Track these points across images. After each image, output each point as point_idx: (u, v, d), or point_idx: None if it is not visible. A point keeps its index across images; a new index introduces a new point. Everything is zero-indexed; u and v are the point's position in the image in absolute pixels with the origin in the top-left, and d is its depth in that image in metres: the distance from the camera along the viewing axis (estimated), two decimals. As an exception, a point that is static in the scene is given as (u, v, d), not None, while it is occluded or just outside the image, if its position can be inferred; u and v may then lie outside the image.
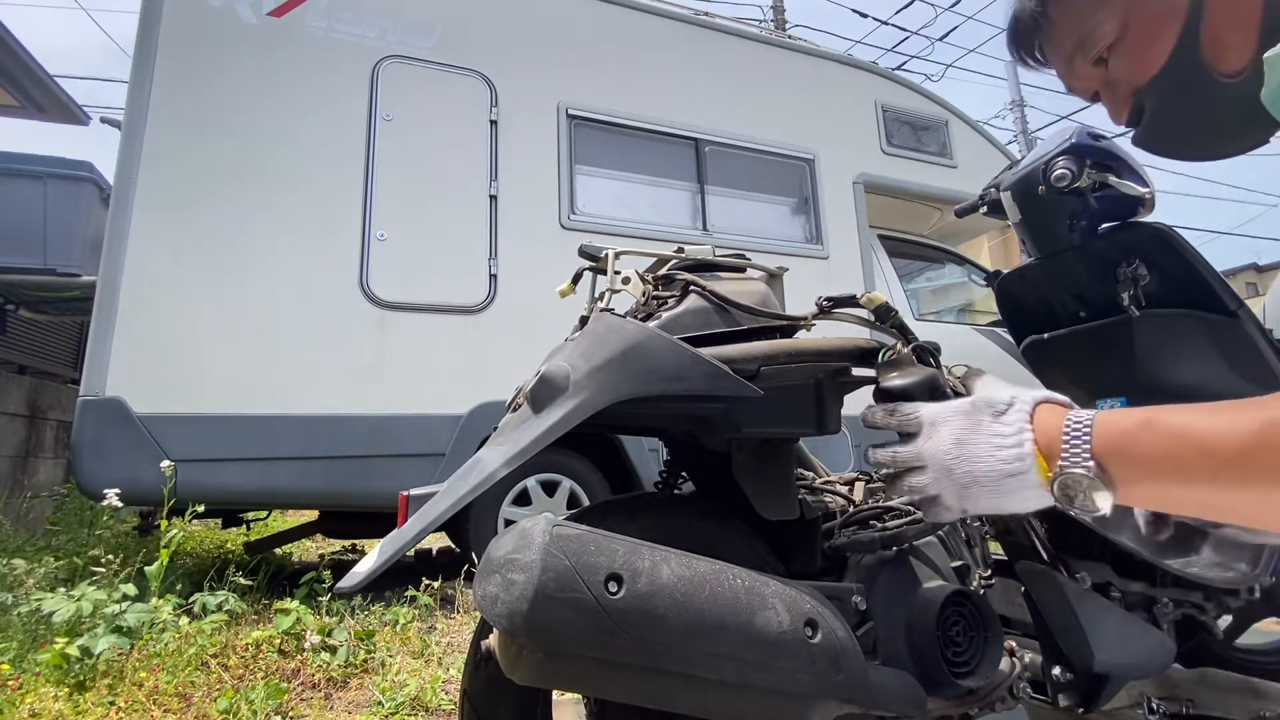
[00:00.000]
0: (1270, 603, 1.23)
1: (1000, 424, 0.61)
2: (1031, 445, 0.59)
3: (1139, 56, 0.69)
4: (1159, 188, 1.36)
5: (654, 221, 3.83)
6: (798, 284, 1.34)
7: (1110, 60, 0.71)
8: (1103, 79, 0.74)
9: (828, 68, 4.73)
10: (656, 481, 1.08)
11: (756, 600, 0.69)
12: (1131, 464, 0.55)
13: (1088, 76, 0.74)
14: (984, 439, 0.61)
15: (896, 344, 0.85)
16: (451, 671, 2.07)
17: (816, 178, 4.32)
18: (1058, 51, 0.75)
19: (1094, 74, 0.74)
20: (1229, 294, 1.27)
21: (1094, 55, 0.72)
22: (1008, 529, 1.05)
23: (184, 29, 3.08)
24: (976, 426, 0.62)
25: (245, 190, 3.04)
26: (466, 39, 3.60)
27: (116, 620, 1.99)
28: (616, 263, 0.96)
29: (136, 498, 2.63)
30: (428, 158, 3.36)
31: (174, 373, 2.79)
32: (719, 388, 0.76)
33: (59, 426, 5.31)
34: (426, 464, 3.02)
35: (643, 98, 3.96)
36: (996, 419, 0.61)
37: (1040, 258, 1.46)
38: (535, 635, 0.60)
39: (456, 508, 0.70)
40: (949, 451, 0.62)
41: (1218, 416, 0.52)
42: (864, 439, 3.79)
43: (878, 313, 0.88)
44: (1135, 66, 0.70)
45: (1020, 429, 0.60)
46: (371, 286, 3.12)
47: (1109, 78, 0.73)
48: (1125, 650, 0.98)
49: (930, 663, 0.84)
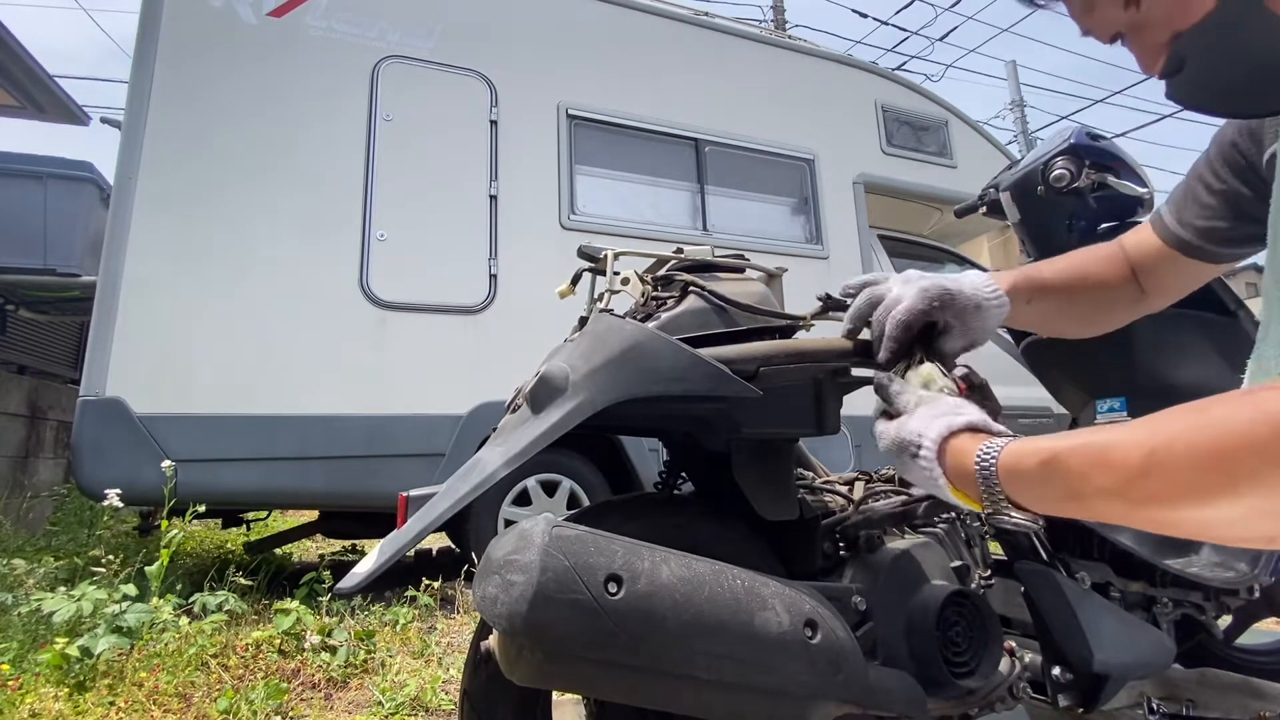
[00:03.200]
0: (1270, 603, 1.23)
1: (918, 465, 0.66)
2: (945, 482, 0.64)
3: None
4: (1158, 187, 1.36)
5: (654, 222, 3.83)
6: (798, 284, 1.34)
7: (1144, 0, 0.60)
8: (1130, 21, 0.62)
9: (828, 68, 4.74)
10: (656, 482, 1.08)
11: (756, 601, 0.69)
12: (1035, 498, 0.58)
13: (1112, 19, 0.63)
14: (915, 472, 0.67)
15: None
16: (451, 671, 2.07)
17: (816, 178, 4.32)
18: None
19: (1120, 16, 0.62)
20: (1228, 294, 1.27)
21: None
22: (1007, 529, 1.05)
23: (184, 29, 3.08)
24: (905, 466, 0.68)
25: (245, 190, 3.04)
26: (466, 39, 3.60)
27: (116, 620, 1.99)
28: (616, 263, 0.96)
29: (136, 498, 2.63)
30: (428, 158, 3.36)
31: (174, 373, 2.79)
32: (718, 388, 0.76)
33: (59, 426, 5.31)
34: (426, 464, 3.02)
35: (643, 98, 3.96)
36: (914, 460, 0.66)
37: (1040, 258, 1.46)
38: (535, 636, 0.60)
39: (456, 508, 0.70)
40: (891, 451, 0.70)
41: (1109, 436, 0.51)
42: (864, 439, 3.79)
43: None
44: (1178, 7, 0.58)
45: (932, 470, 0.64)
46: (371, 286, 3.12)
47: (1140, 20, 0.61)
48: (1125, 650, 0.98)
49: (930, 663, 0.84)
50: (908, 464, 0.67)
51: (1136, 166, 1.36)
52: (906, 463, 0.67)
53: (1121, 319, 0.95)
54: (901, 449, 0.68)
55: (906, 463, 0.67)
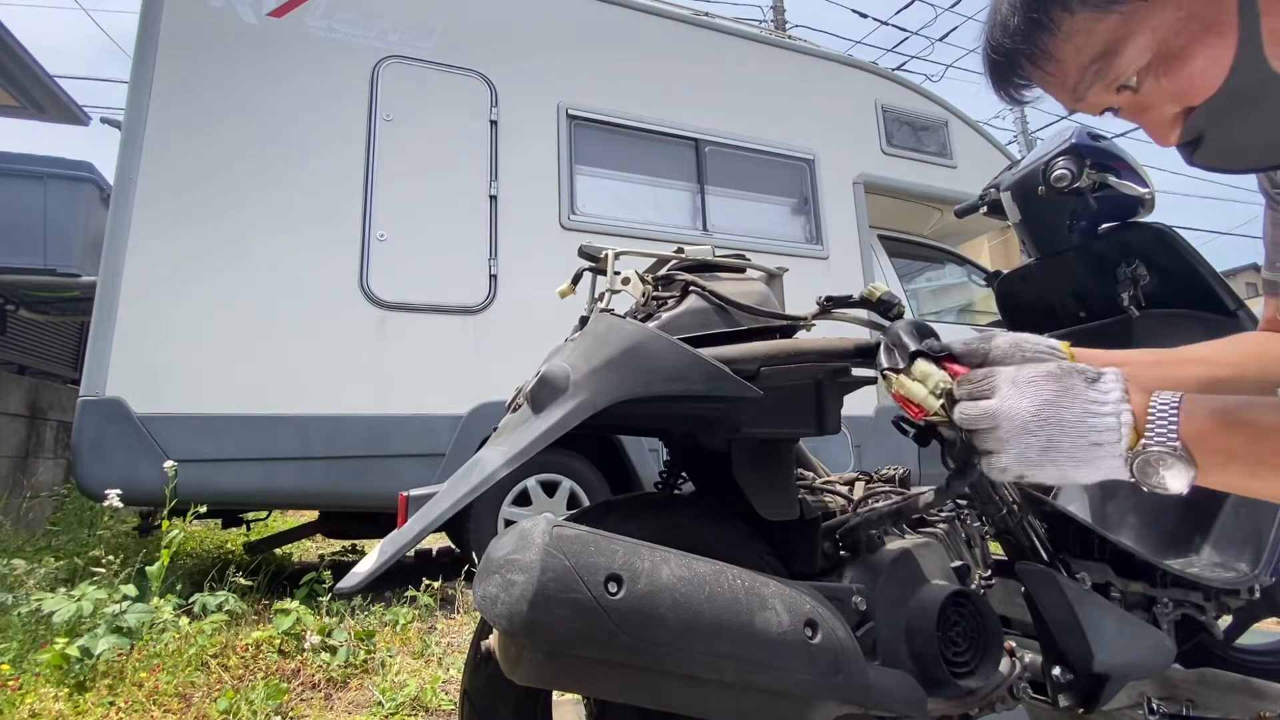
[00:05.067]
0: (1270, 603, 1.23)
1: (1095, 390, 0.59)
2: (1130, 417, 0.58)
3: (1187, 79, 0.56)
4: (1158, 187, 1.36)
5: (654, 222, 3.83)
6: (798, 284, 1.34)
7: (1143, 84, 0.58)
8: (1129, 103, 0.61)
9: (828, 68, 4.73)
10: (656, 481, 1.08)
11: (756, 600, 0.69)
12: (1214, 453, 0.56)
13: (1105, 102, 0.62)
14: (1078, 404, 0.59)
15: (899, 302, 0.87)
16: (451, 671, 2.07)
17: (816, 178, 4.32)
18: (1057, 83, 0.62)
19: (1113, 99, 0.61)
20: (1229, 294, 1.27)
21: (1117, 84, 0.59)
22: (1008, 529, 1.05)
23: (184, 29, 3.08)
24: (1069, 391, 0.60)
25: (245, 190, 3.04)
26: (466, 39, 3.60)
27: (117, 620, 1.99)
28: (616, 263, 0.96)
29: (136, 498, 2.63)
30: (428, 158, 3.36)
31: (174, 373, 2.79)
32: (719, 388, 0.76)
33: (59, 426, 5.31)
34: (426, 464, 3.02)
35: (643, 98, 3.96)
36: (1090, 385, 0.60)
37: (1040, 258, 1.46)
38: (535, 635, 0.60)
39: (456, 508, 0.70)
40: (1035, 414, 0.60)
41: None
42: (864, 439, 3.79)
43: (881, 304, 0.88)
44: (1183, 89, 0.57)
45: (1119, 399, 0.59)
46: (371, 286, 3.12)
47: (1140, 101, 0.60)
48: (1125, 650, 0.98)
49: (930, 663, 0.84)
50: (1076, 388, 0.59)
51: (1137, 166, 1.36)
52: (1076, 387, 0.59)
53: None
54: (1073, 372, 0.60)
55: (1076, 387, 0.59)
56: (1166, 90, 0.58)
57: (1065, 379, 0.61)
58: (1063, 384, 0.60)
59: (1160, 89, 0.58)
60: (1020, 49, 0.61)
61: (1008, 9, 0.61)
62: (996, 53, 0.63)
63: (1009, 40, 0.61)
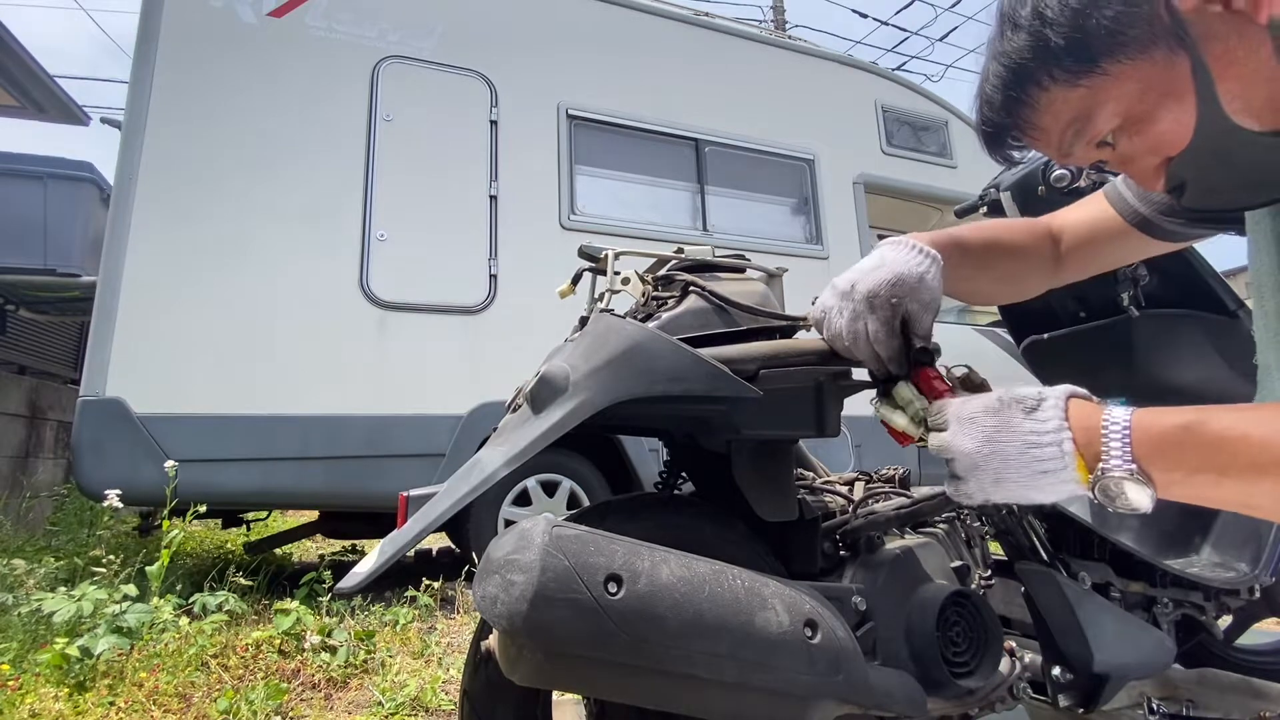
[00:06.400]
0: (1270, 603, 1.23)
1: (1034, 421, 0.61)
2: (1071, 444, 0.59)
3: (1157, 136, 0.61)
4: (1159, 188, 1.36)
5: (654, 222, 3.84)
6: (798, 284, 1.34)
7: (1120, 141, 0.63)
8: (1113, 156, 0.65)
9: (828, 68, 4.74)
10: (656, 482, 1.08)
11: (756, 601, 0.69)
12: (1174, 469, 0.56)
13: (1091, 156, 0.67)
14: (1018, 437, 0.61)
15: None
16: (451, 671, 2.07)
17: (816, 178, 4.32)
18: (1044, 144, 0.67)
19: (1097, 154, 0.66)
20: (1229, 294, 1.27)
21: (1095, 142, 0.64)
22: (1007, 529, 1.05)
23: (184, 29, 3.09)
24: (1008, 425, 0.62)
25: (245, 190, 3.04)
26: (466, 39, 3.60)
27: (117, 620, 1.99)
28: (616, 263, 0.96)
29: (136, 498, 2.63)
30: (428, 158, 3.36)
31: (174, 373, 2.79)
32: (719, 389, 0.76)
33: (59, 426, 5.31)
34: (426, 464, 3.03)
35: (643, 98, 3.96)
36: (1028, 415, 0.61)
37: (1040, 258, 1.46)
38: (535, 636, 0.60)
39: (456, 508, 0.70)
40: (978, 450, 0.62)
41: (1265, 426, 0.52)
42: (864, 439, 3.79)
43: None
44: (1157, 144, 0.61)
45: (1058, 426, 0.60)
46: (371, 286, 3.12)
47: (1121, 155, 0.65)
48: (1125, 650, 0.98)
49: (930, 663, 0.84)
50: (1014, 421, 0.61)
51: (1137, 167, 1.36)
52: (1014, 420, 0.61)
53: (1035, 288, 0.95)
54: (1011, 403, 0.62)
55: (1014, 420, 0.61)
56: (1143, 144, 0.62)
57: (1003, 413, 0.63)
58: (1001, 418, 0.62)
59: (1138, 144, 0.63)
60: (1006, 122, 0.67)
61: (991, 89, 0.66)
62: (987, 125, 0.69)
63: (995, 115, 0.67)
